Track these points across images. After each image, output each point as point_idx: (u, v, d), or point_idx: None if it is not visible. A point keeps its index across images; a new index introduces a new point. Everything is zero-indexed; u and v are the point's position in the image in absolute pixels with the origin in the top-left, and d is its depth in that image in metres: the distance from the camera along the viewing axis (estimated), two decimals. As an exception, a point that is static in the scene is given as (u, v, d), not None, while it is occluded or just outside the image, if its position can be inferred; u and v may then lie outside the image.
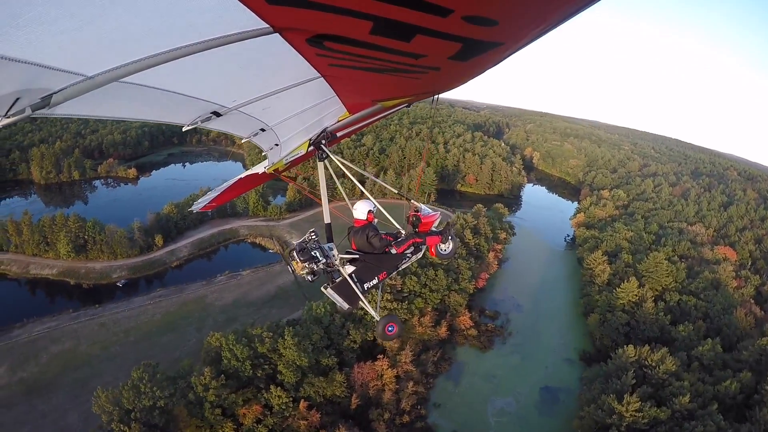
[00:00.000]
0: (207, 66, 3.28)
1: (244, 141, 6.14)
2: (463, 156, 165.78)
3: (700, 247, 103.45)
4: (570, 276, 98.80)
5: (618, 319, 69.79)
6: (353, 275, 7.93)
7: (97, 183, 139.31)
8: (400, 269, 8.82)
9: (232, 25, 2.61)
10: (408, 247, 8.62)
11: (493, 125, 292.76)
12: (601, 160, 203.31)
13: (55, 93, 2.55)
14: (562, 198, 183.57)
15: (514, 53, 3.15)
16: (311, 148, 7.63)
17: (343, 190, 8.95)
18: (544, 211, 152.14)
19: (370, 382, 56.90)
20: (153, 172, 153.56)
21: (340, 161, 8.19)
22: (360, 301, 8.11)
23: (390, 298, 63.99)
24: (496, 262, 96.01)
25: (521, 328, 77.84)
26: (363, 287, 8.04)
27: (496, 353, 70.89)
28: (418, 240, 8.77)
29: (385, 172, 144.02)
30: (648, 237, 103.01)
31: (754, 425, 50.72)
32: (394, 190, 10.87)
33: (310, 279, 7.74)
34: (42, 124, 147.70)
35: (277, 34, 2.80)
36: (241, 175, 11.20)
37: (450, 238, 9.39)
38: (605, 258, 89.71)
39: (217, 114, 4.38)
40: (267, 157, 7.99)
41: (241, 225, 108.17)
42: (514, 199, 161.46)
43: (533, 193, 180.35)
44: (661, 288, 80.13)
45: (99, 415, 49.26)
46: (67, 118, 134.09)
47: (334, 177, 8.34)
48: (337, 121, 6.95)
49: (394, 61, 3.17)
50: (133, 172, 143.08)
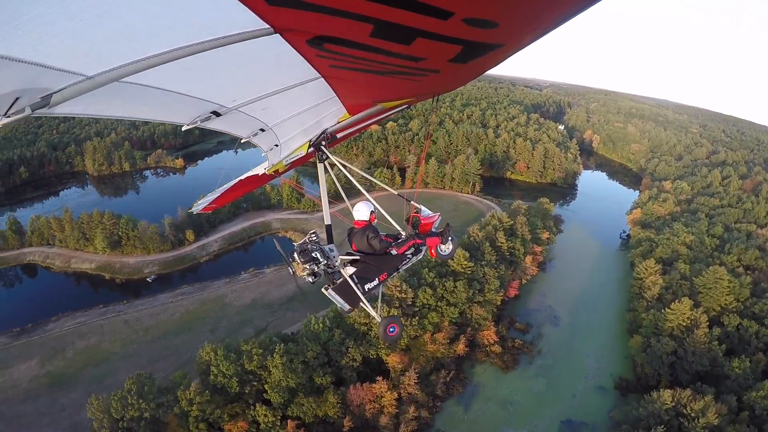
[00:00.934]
0: (207, 66, 3.29)
1: (244, 140, 6.18)
2: (514, 141, 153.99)
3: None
4: (619, 283, 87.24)
5: (664, 347, 59.09)
6: (354, 276, 7.90)
7: (147, 173, 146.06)
8: (400, 270, 8.73)
9: (232, 25, 2.63)
10: (408, 249, 8.60)
11: (553, 105, 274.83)
12: (665, 146, 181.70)
13: (54, 93, 2.56)
14: (623, 186, 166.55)
15: (514, 54, 3.14)
16: (311, 149, 7.70)
17: (343, 192, 8.93)
18: (600, 203, 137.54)
19: (366, 404, 52.73)
20: (201, 161, 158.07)
21: (340, 162, 8.24)
22: (361, 302, 8.03)
23: (397, 313, 58.79)
24: (536, 266, 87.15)
25: (553, 346, 69.42)
26: (363, 288, 7.98)
27: (518, 375, 63.50)
28: (418, 241, 8.75)
29: (427, 160, 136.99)
30: (710, 242, 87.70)
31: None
32: (393, 191, 10.23)
33: (310, 280, 7.59)
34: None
35: (277, 34, 2.80)
36: (242, 177, 10.87)
37: (450, 239, 9.49)
38: (658, 267, 77.44)
39: (217, 114, 4.41)
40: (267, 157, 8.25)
41: (274, 218, 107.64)
42: (567, 189, 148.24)
43: (591, 181, 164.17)
44: (719, 308, 67.45)
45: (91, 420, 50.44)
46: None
47: (334, 178, 8.43)
48: (337, 122, 6.97)
49: (395, 64, 3.19)
50: (180, 162, 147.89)
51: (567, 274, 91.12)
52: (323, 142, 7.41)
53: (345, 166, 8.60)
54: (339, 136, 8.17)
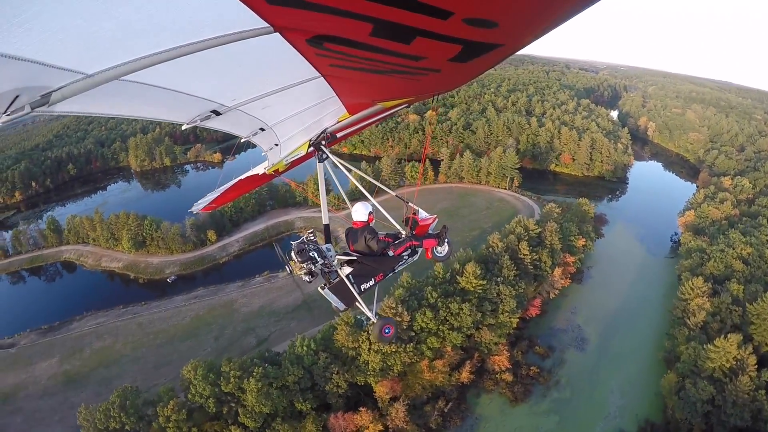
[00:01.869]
0: (207, 64, 3.30)
1: (243, 140, 6.24)
2: (559, 131, 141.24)
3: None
4: (663, 299, 76.23)
5: (700, 393, 49.44)
6: (350, 276, 7.91)
7: (188, 167, 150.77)
8: (396, 271, 8.79)
9: (232, 24, 2.63)
10: (405, 250, 8.58)
11: (608, 89, 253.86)
12: (726, 135, 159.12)
13: (54, 91, 2.56)
14: (679, 178, 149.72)
15: (514, 53, 3.14)
16: (311, 148, 7.72)
17: (344, 192, 9.12)
18: (651, 198, 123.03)
19: (348, 435, 49.29)
20: (238, 155, 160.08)
21: (341, 162, 8.28)
22: (356, 302, 8.13)
23: (388, 336, 54.23)
24: (567, 278, 78.66)
25: (574, 376, 61.60)
26: (360, 288, 8.05)
27: (528, 409, 56.70)
28: (414, 243, 8.69)
29: (461, 154, 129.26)
30: (772, 256, 74.06)
31: None
32: (392, 192, 10.25)
33: (307, 280, 7.55)
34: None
35: (277, 33, 2.81)
36: (242, 177, 10.85)
37: (446, 241, 9.49)
38: (707, 287, 66.07)
39: (217, 113, 4.42)
40: (267, 157, 8.30)
41: (297, 216, 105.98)
42: (616, 183, 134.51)
43: (643, 174, 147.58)
44: (772, 345, 56.20)
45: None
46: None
47: (334, 178, 8.46)
48: (337, 122, 7.02)
49: (394, 63, 3.18)
50: (218, 156, 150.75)
51: (604, 286, 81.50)
52: (323, 142, 7.48)
53: (345, 166, 8.56)
54: (339, 135, 8.17)
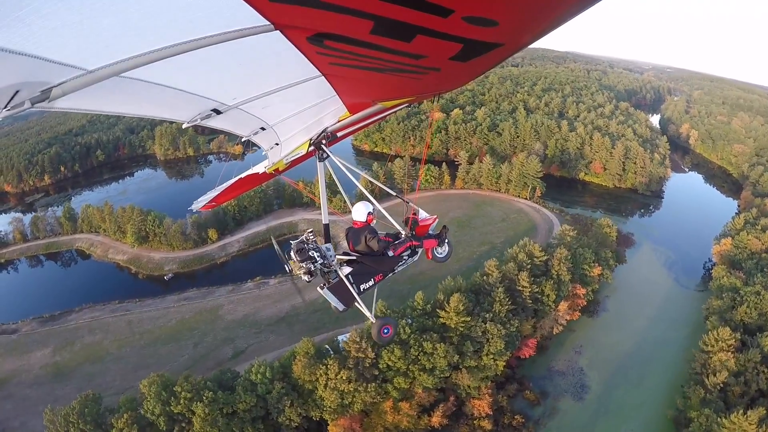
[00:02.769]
0: (208, 63, 3.31)
1: (244, 140, 6.32)
2: (591, 136, 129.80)
3: None
4: (684, 340, 67.36)
5: None
6: (349, 276, 7.84)
7: (211, 158, 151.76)
8: (396, 271, 8.67)
9: (233, 21, 2.63)
10: (405, 250, 8.53)
11: (651, 92, 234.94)
12: None
13: (54, 86, 2.56)
14: (721, 194, 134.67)
15: (514, 54, 3.13)
16: (311, 148, 7.68)
17: (344, 192, 9.02)
18: (687, 216, 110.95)
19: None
20: (260, 149, 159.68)
21: (341, 162, 8.11)
22: (355, 302, 8.05)
23: (350, 375, 49.68)
24: (577, 310, 71.18)
25: (566, 430, 55.26)
26: (359, 288, 7.95)
27: (499, 468, 51.35)
28: (415, 243, 8.68)
29: (481, 159, 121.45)
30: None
31: None
32: (392, 192, 10.37)
33: (306, 279, 7.40)
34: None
35: (277, 31, 2.79)
36: (242, 175, 10.90)
37: (447, 242, 9.56)
38: (735, 338, 56.90)
39: (218, 111, 4.43)
40: (268, 156, 8.42)
41: (302, 218, 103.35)
42: (650, 197, 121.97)
43: (681, 187, 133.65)
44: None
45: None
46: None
47: (334, 177, 8.38)
48: (338, 121, 6.99)
49: (395, 61, 3.18)
50: (239, 147, 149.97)
51: (619, 321, 73.17)
52: (323, 141, 7.44)
53: (345, 165, 8.26)
54: (339, 135, 8.11)
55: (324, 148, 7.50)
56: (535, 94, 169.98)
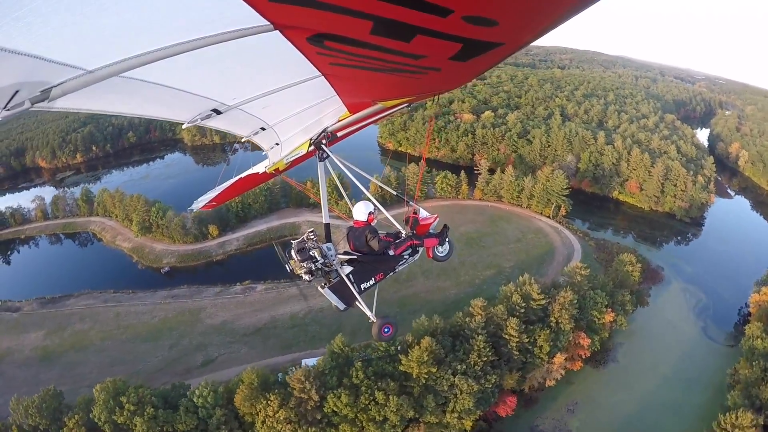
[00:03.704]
0: (208, 63, 3.34)
1: (244, 139, 6.48)
2: (629, 151, 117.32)
3: None
4: (699, 410, 58.02)
5: None
6: (350, 276, 7.87)
7: (237, 146, 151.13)
8: (397, 271, 8.67)
9: (232, 21, 2.64)
10: (406, 249, 8.54)
11: (701, 104, 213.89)
12: None
13: (54, 86, 2.57)
14: None
15: (514, 53, 3.11)
16: (312, 148, 7.72)
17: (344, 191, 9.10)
18: (729, 250, 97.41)
19: None
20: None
21: (341, 161, 8.09)
22: (356, 302, 8.04)
23: (290, 415, 45.93)
24: (578, 360, 63.59)
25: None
26: (360, 288, 7.96)
27: None
28: (415, 242, 8.67)
29: (503, 169, 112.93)
30: None
31: None
32: (393, 192, 10.57)
33: (307, 278, 7.47)
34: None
35: (277, 31, 2.81)
36: (242, 175, 10.94)
37: (447, 241, 9.40)
38: (757, 422, 47.83)
39: (218, 111, 4.46)
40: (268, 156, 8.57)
41: (306, 220, 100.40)
42: (689, 224, 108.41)
43: (726, 214, 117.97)
44: None
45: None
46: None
47: (334, 177, 8.45)
48: (338, 121, 7.04)
49: (395, 61, 3.18)
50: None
51: (626, 376, 64.57)
52: (324, 141, 7.47)
53: (346, 165, 8.16)
54: (339, 134, 8.16)
55: (324, 147, 7.53)
56: (575, 99, 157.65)
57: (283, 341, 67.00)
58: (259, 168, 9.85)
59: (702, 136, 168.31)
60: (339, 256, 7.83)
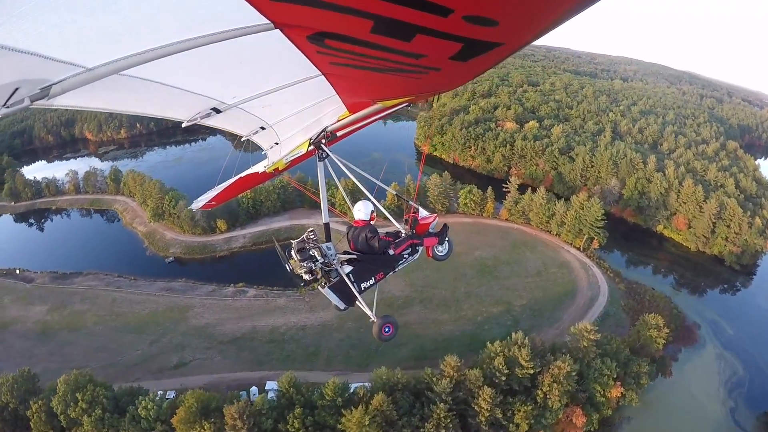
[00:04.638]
0: (208, 61, 3.34)
1: (244, 138, 6.55)
2: (680, 181, 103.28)
3: None
4: None
5: None
6: (350, 275, 7.85)
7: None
8: (396, 270, 8.67)
9: (233, 20, 2.65)
10: (405, 249, 8.56)
11: None
12: None
13: (54, 84, 2.57)
14: None
15: (515, 53, 3.12)
16: (311, 147, 7.77)
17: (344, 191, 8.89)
18: None
19: None
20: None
21: (341, 161, 8.14)
22: (356, 301, 8.01)
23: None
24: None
25: None
26: (360, 287, 7.94)
27: None
28: (415, 241, 8.69)
29: (539, 185, 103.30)
30: None
31: None
32: (393, 191, 10.60)
33: (307, 278, 7.51)
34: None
35: (277, 30, 2.82)
36: (242, 174, 10.91)
37: (447, 240, 9.41)
38: None
39: (217, 110, 4.47)
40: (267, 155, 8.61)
41: (317, 223, 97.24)
42: (738, 272, 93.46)
43: None
44: None
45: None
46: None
47: (334, 177, 8.36)
48: (338, 121, 7.04)
49: (395, 61, 3.16)
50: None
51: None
52: (323, 141, 7.53)
53: (346, 165, 8.21)
54: (339, 134, 8.20)
55: (324, 147, 7.59)
56: (630, 115, 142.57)
57: (257, 356, 64.63)
58: (259, 167, 9.91)
59: (766, 168, 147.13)
60: (339, 256, 7.86)
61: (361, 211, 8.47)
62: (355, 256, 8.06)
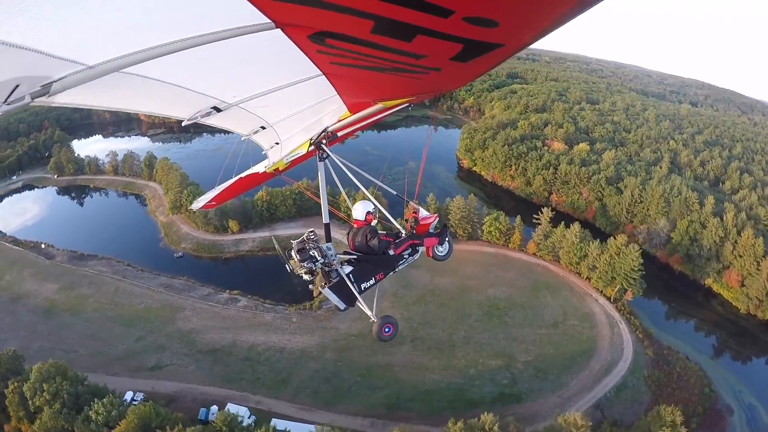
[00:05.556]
0: (208, 60, 3.35)
1: (244, 138, 6.71)
2: (739, 231, 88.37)
3: None
4: None
5: None
6: (350, 275, 7.90)
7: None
8: (397, 270, 8.69)
9: (234, 19, 2.66)
10: (405, 249, 8.60)
11: None
12: None
13: (55, 81, 2.57)
14: None
15: (515, 54, 3.13)
16: (312, 147, 7.79)
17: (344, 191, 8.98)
18: None
19: None
20: (363, 134, 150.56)
21: (341, 161, 8.16)
22: (356, 301, 8.07)
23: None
24: None
25: None
26: (360, 287, 8.00)
27: None
28: (415, 242, 8.75)
29: (575, 219, 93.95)
30: None
31: None
32: (393, 191, 9.94)
33: (307, 278, 7.60)
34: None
35: (278, 29, 2.82)
36: (242, 175, 10.97)
37: (447, 240, 9.40)
38: None
39: (218, 109, 4.48)
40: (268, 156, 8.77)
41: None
42: None
43: None
44: None
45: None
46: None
47: (335, 177, 8.39)
48: (338, 121, 7.08)
49: (395, 61, 3.18)
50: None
51: None
52: (324, 141, 7.52)
53: (346, 165, 8.23)
54: (340, 134, 8.19)
55: (324, 147, 7.57)
56: (693, 145, 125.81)
57: (228, 373, 62.56)
58: (259, 168, 9.86)
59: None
60: (339, 256, 7.84)
61: (359, 211, 8.46)
62: (355, 257, 8.06)
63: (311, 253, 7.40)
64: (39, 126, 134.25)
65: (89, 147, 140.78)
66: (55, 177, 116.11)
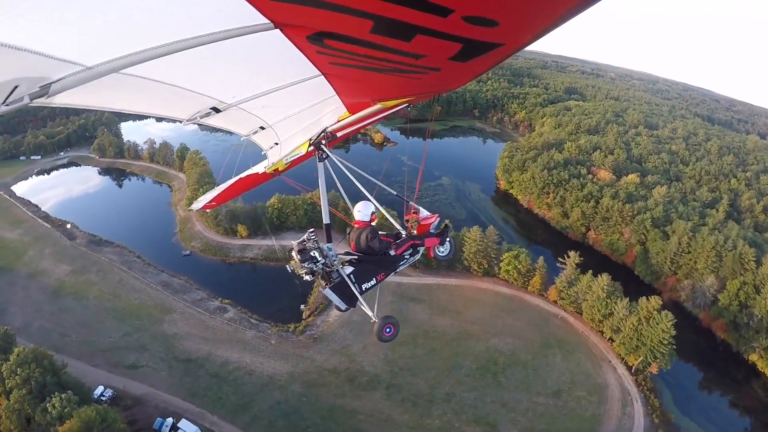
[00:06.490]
0: (207, 60, 3.35)
1: (243, 138, 6.44)
2: None
3: None
4: None
5: None
6: (351, 276, 7.84)
7: (358, 135, 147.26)
8: (398, 270, 8.75)
9: (233, 19, 2.67)
10: (406, 249, 8.59)
11: None
12: None
13: (53, 82, 2.59)
14: None
15: (514, 54, 3.12)
16: (311, 148, 7.75)
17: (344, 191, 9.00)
18: None
19: None
20: (400, 142, 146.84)
21: (341, 161, 8.17)
22: (357, 302, 8.07)
23: None
24: None
25: None
26: (361, 288, 7.96)
27: None
28: (416, 242, 8.74)
29: (603, 267, 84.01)
30: None
31: None
32: (393, 191, 10.04)
33: (308, 279, 7.65)
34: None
35: (277, 30, 2.83)
36: (241, 175, 11.12)
37: (448, 240, 9.41)
38: None
39: (217, 110, 4.45)
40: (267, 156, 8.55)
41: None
42: None
43: None
44: None
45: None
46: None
47: (334, 178, 8.38)
48: (338, 121, 7.08)
49: (395, 61, 3.19)
50: (380, 136, 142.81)
51: None
52: (323, 141, 7.48)
53: (346, 166, 8.29)
54: (339, 134, 8.13)
55: (324, 148, 7.52)
56: (757, 186, 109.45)
57: (195, 387, 61.13)
58: (259, 168, 9.86)
59: None
60: (340, 256, 7.76)
61: (360, 212, 8.37)
62: (356, 257, 7.96)
63: (312, 253, 7.32)
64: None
65: (140, 130, 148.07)
66: (97, 158, 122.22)
